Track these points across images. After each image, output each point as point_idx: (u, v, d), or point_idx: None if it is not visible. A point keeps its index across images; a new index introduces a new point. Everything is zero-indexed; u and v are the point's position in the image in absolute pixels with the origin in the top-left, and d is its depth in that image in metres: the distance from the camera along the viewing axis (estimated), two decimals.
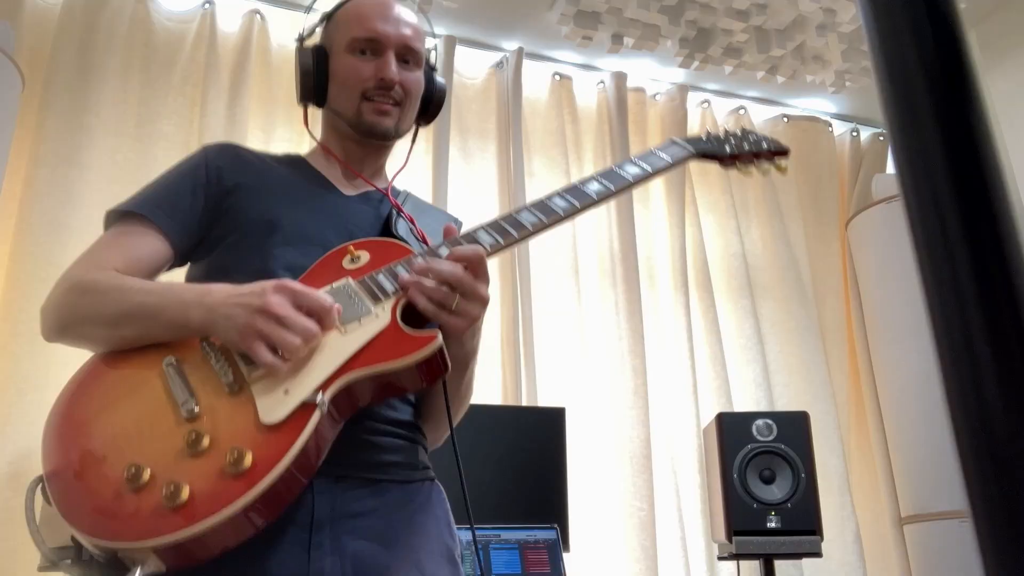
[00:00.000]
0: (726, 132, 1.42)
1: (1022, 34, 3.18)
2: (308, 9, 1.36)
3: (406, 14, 1.27)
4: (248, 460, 0.86)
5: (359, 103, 1.21)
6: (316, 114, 1.32)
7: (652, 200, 3.26)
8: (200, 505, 0.84)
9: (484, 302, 1.03)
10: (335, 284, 1.04)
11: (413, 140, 1.36)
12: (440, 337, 0.97)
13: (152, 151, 2.57)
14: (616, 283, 3.00)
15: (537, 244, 2.94)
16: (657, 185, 3.28)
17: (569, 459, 2.44)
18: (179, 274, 1.20)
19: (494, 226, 1.11)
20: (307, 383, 0.93)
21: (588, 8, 2.99)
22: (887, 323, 3.10)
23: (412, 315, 1.02)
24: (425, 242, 1.22)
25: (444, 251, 1.07)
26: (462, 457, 1.18)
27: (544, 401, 2.71)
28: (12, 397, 2.17)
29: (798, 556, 2.31)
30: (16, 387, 2.18)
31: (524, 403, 2.67)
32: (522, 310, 2.80)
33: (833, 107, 3.66)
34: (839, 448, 3.05)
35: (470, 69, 3.13)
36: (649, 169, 1.24)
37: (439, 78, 1.34)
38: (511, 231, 1.10)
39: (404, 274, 1.04)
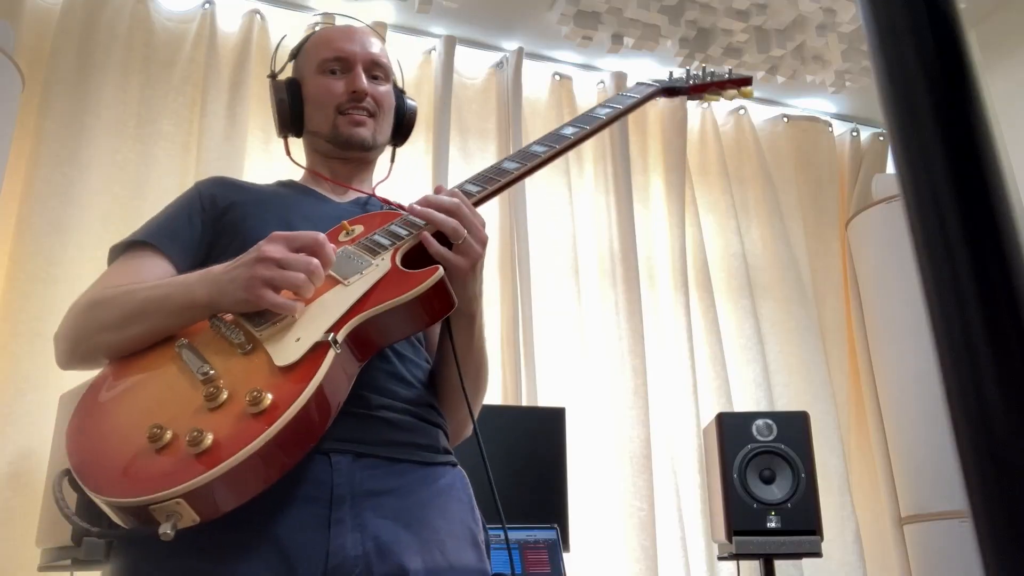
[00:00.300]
0: (688, 71, 1.53)
1: (1022, 34, 3.18)
2: (276, 48, 1.43)
3: (371, 36, 1.36)
4: (268, 399, 0.87)
5: (334, 118, 1.27)
6: (297, 145, 1.37)
7: (652, 200, 3.26)
8: (225, 446, 0.84)
9: (483, 239, 1.08)
10: (336, 252, 1.07)
11: (392, 159, 1.42)
12: (442, 269, 1.00)
13: (152, 151, 2.57)
14: (616, 283, 3.00)
15: (537, 244, 2.94)
16: (657, 185, 3.28)
17: (569, 459, 2.44)
18: None
19: (478, 177, 1.19)
20: (318, 328, 0.95)
21: (588, 8, 2.99)
22: (887, 323, 3.10)
23: (411, 263, 1.05)
24: None
25: None
26: (462, 457, 1.18)
27: (544, 401, 2.71)
28: (12, 397, 2.17)
29: (798, 556, 2.31)
30: (16, 387, 2.18)
31: (524, 403, 2.67)
32: (522, 310, 2.81)
33: (833, 107, 3.66)
34: (839, 448, 3.05)
35: (470, 69, 3.13)
36: (620, 107, 1.33)
37: (409, 100, 1.40)
38: (495, 177, 1.18)
39: (412, 205, 1.10)
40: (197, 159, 2.58)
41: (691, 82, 1.49)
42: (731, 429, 2.39)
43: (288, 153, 1.39)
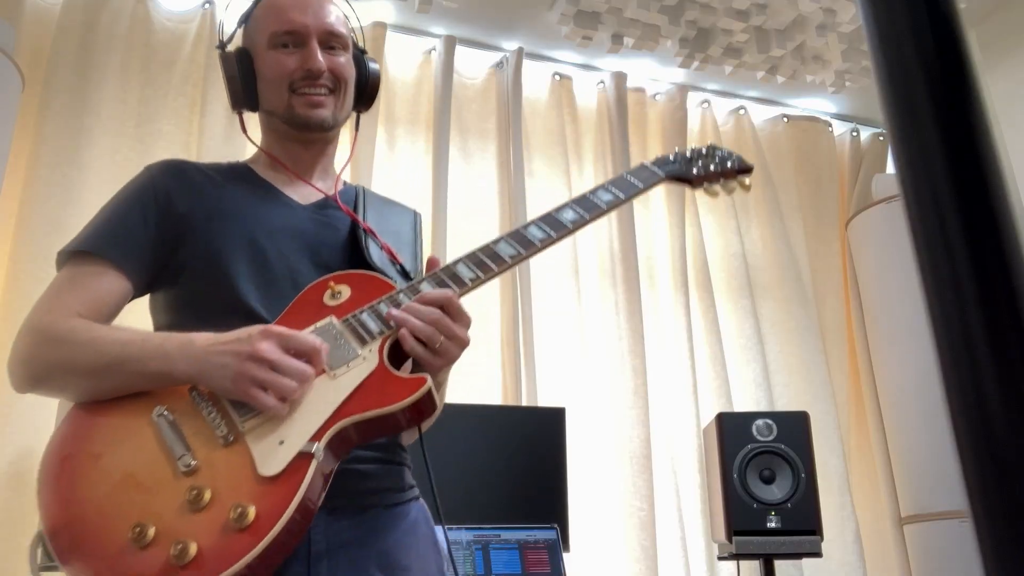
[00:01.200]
0: (693, 151, 1.44)
1: (1022, 34, 3.17)
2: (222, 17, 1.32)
3: (325, 2, 1.24)
4: (252, 514, 0.88)
5: (288, 97, 1.19)
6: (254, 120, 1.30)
7: (652, 200, 3.26)
8: (209, 561, 0.86)
9: (463, 343, 1.04)
10: (319, 324, 1.05)
11: (356, 128, 1.34)
12: (430, 380, 0.98)
13: (152, 151, 2.57)
14: (616, 283, 3.00)
15: None
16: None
17: (569, 459, 2.44)
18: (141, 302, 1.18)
19: (472, 259, 1.12)
20: (301, 432, 0.94)
21: (588, 8, 2.99)
22: (887, 323, 3.10)
23: (395, 354, 1.04)
24: (395, 260, 1.21)
25: (426, 286, 1.08)
26: (463, 457, 1.19)
27: (544, 401, 2.71)
28: (12, 397, 2.17)
29: (798, 556, 2.31)
30: None
31: (524, 403, 2.67)
32: (522, 310, 2.81)
33: (833, 107, 3.66)
34: (839, 448, 3.05)
35: (470, 69, 3.13)
36: (622, 196, 1.26)
37: (371, 61, 1.31)
38: (490, 264, 1.11)
39: (391, 311, 1.04)
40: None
41: (694, 170, 1.42)
42: (731, 429, 2.39)
43: (244, 131, 1.30)
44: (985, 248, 0.32)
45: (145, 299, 1.18)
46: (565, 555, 2.18)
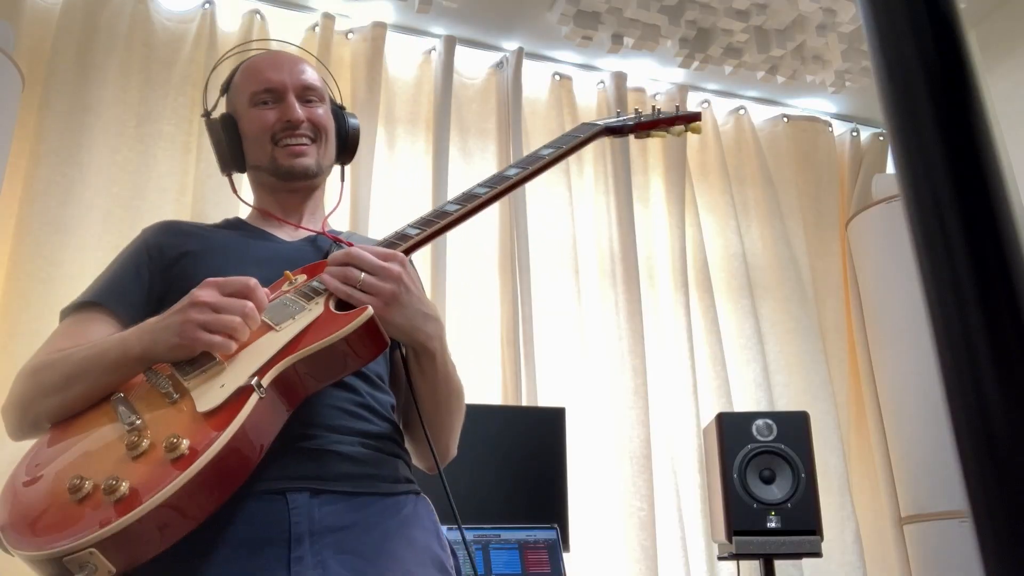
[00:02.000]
0: (638, 111, 1.51)
1: (1022, 34, 3.18)
2: (206, 85, 1.40)
3: (299, 60, 1.33)
4: (184, 445, 0.87)
5: (271, 150, 1.25)
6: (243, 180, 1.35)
7: (652, 200, 3.26)
8: (140, 493, 0.84)
9: (391, 275, 1.05)
10: (273, 299, 1.07)
11: (343, 179, 1.40)
12: (371, 308, 1.00)
13: (152, 151, 2.57)
14: (616, 283, 3.00)
15: (537, 244, 2.94)
16: (657, 185, 3.28)
17: (569, 459, 2.44)
18: None
19: (419, 220, 1.19)
20: (243, 373, 0.95)
21: (588, 8, 2.99)
22: (887, 323, 3.10)
23: (345, 307, 1.05)
24: None
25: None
26: (462, 457, 1.18)
27: (544, 401, 2.71)
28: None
29: (798, 556, 2.31)
30: None
31: (524, 403, 2.67)
32: (522, 310, 2.81)
33: (833, 107, 3.66)
34: (839, 448, 3.05)
35: (470, 69, 3.13)
36: (563, 147, 1.33)
37: (350, 117, 1.37)
38: (435, 220, 1.17)
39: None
40: (197, 159, 2.58)
41: (639, 119, 1.48)
42: (731, 429, 2.39)
43: (235, 191, 1.37)
44: (985, 248, 0.32)
45: None
46: (565, 555, 2.18)
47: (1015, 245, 0.31)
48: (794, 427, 2.38)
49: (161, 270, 1.17)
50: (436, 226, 1.16)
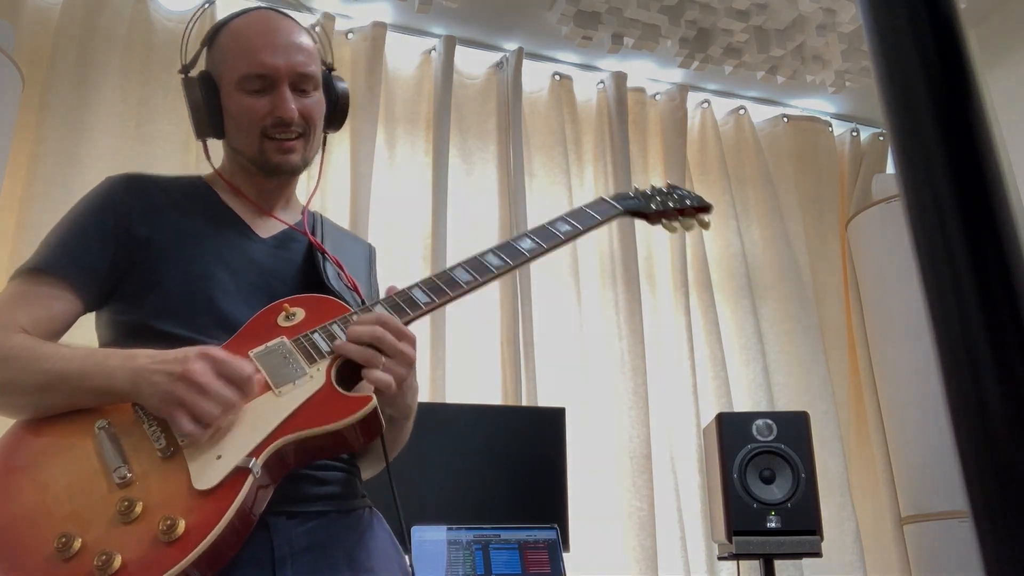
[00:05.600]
0: (653, 189, 1.48)
1: (1022, 34, 3.17)
2: (186, 36, 1.27)
3: (294, 35, 1.21)
4: (181, 527, 0.86)
5: (260, 142, 1.18)
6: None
7: None
8: (132, 575, 0.83)
9: (408, 362, 1.04)
10: (269, 344, 1.04)
11: (323, 150, 1.32)
12: (375, 399, 0.98)
13: (152, 151, 2.57)
14: (616, 283, 3.00)
15: None
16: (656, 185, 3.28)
17: (569, 459, 2.44)
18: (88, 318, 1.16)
19: (428, 284, 1.13)
20: (240, 447, 0.93)
21: (588, 8, 2.99)
22: (887, 323, 3.10)
23: (346, 376, 1.03)
24: (355, 289, 1.21)
25: (379, 309, 1.08)
26: (462, 457, 1.19)
27: (544, 401, 2.71)
28: None
29: (798, 556, 2.31)
30: None
31: (524, 403, 2.67)
32: (522, 310, 2.80)
33: (833, 107, 3.66)
34: (839, 448, 3.05)
35: (470, 69, 3.13)
36: (580, 227, 1.30)
37: (339, 81, 1.29)
38: (446, 290, 1.13)
39: (339, 334, 1.04)
40: (197, 159, 2.58)
41: (652, 206, 1.45)
42: (731, 429, 2.39)
43: (208, 158, 1.28)
44: (985, 248, 0.31)
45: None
46: (565, 555, 2.18)
47: (1015, 245, 0.31)
48: (794, 427, 2.38)
49: (128, 246, 1.12)
50: (445, 297, 1.12)
